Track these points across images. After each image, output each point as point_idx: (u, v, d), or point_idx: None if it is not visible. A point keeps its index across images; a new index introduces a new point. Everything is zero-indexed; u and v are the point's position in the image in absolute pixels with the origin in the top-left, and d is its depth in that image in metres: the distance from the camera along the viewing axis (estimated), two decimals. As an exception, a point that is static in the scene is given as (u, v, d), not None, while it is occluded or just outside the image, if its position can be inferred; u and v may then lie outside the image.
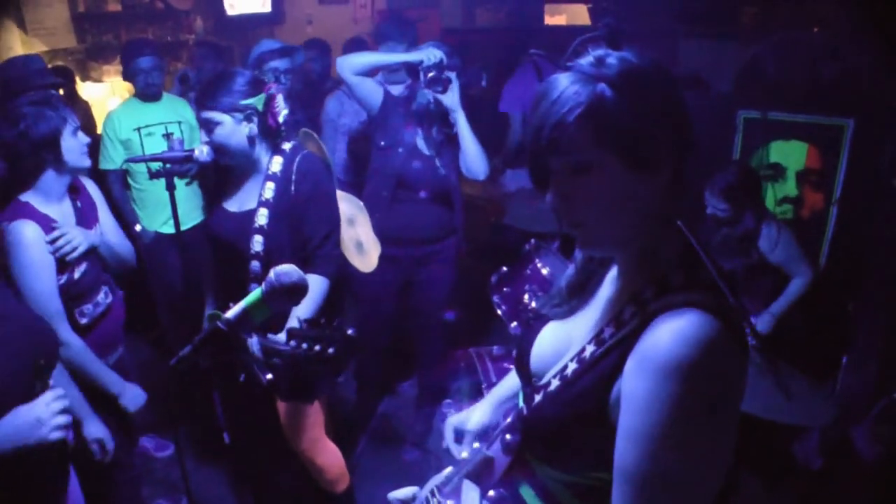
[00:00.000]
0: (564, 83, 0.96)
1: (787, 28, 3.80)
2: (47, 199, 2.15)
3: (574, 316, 1.18)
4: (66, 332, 2.13)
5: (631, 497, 0.91)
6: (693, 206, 3.10)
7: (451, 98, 2.84)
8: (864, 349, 2.81)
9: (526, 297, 2.49)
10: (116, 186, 3.65)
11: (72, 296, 2.19)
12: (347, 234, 2.55)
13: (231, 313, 1.30)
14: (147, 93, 3.65)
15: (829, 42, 3.44)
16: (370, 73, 2.97)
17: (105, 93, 5.53)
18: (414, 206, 3.01)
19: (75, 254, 2.14)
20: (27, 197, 2.12)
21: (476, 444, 1.44)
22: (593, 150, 0.94)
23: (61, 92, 3.34)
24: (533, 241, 2.67)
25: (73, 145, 2.13)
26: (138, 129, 3.60)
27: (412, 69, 2.89)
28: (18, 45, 4.83)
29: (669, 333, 0.89)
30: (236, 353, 1.35)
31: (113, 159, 3.61)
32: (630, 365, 0.94)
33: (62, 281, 2.14)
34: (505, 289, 2.56)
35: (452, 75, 2.83)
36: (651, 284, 0.99)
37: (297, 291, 1.32)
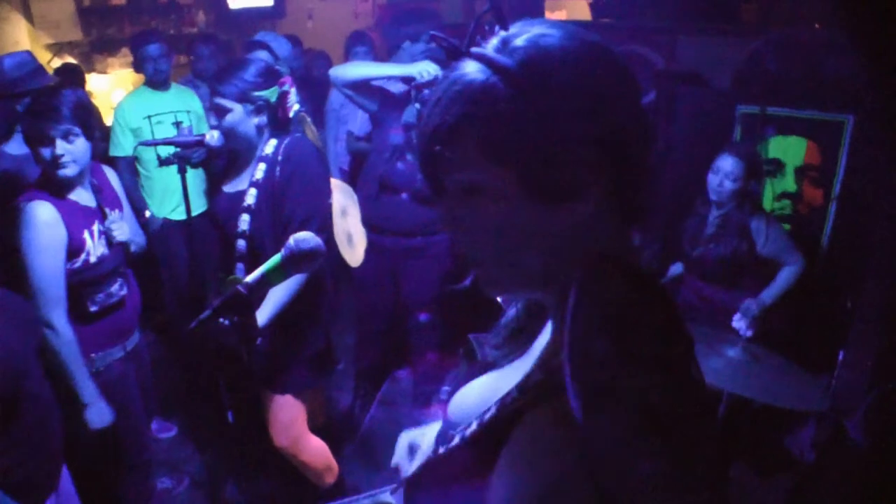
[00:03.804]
0: (459, 75, 0.72)
1: (788, 24, 3.81)
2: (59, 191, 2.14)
3: (511, 363, 0.91)
4: (59, 320, 2.07)
5: None
6: (680, 200, 3.13)
7: None
8: (862, 345, 2.81)
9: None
10: (126, 174, 3.68)
11: (86, 281, 2.17)
12: (340, 226, 2.53)
13: (251, 277, 1.34)
14: (156, 79, 3.72)
15: (829, 38, 3.44)
16: (363, 84, 2.94)
17: (110, 85, 5.58)
18: (398, 200, 3.02)
19: (115, 240, 2.21)
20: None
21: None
22: (484, 166, 0.69)
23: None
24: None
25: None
26: (148, 118, 3.66)
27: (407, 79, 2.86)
28: (25, 38, 4.86)
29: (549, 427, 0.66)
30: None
31: (123, 146, 3.66)
32: (503, 457, 0.72)
33: (77, 263, 2.13)
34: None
35: None
36: (566, 347, 0.66)
37: (313, 257, 1.38)
